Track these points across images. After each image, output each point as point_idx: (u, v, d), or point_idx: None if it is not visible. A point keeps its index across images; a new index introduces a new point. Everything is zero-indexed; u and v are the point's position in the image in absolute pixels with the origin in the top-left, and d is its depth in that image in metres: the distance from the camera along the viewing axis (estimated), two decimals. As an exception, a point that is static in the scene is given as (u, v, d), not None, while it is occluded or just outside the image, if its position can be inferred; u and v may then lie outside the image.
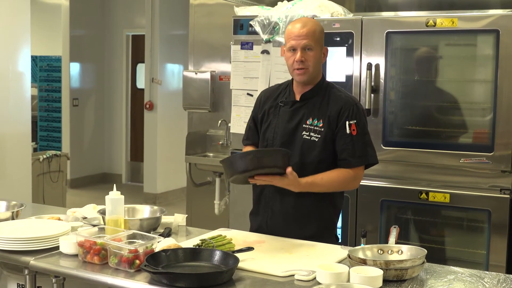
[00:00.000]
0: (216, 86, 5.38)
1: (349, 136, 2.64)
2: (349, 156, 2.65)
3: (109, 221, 2.48)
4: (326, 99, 2.71)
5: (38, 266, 2.29)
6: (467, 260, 3.59)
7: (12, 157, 5.50)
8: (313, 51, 2.65)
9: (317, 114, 2.69)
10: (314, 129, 2.68)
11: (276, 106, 2.80)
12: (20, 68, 5.58)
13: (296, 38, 2.64)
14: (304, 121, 2.70)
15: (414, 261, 2.10)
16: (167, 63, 8.33)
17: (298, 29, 2.64)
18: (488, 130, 3.45)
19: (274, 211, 2.75)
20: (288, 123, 2.73)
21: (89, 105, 9.29)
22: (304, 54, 2.64)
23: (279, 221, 2.74)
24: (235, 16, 4.28)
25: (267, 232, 2.75)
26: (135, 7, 9.03)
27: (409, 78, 3.73)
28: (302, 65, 2.64)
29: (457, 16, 3.49)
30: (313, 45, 2.65)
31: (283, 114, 2.76)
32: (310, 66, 2.65)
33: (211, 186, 5.36)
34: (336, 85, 2.79)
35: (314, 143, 2.67)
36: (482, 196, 3.45)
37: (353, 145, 2.65)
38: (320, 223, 2.74)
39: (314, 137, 2.67)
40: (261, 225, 2.80)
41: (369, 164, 2.72)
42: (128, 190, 8.51)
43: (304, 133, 2.69)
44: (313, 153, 2.67)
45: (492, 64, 3.42)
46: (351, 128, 2.64)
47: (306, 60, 2.64)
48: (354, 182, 2.71)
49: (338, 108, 2.67)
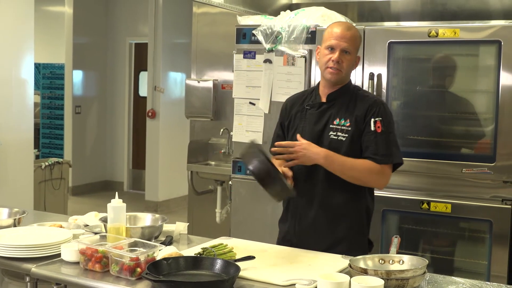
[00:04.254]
0: (219, 94, 5.39)
1: (373, 133, 2.63)
2: (373, 153, 2.63)
3: (111, 229, 2.48)
4: (354, 99, 2.71)
5: (40, 274, 2.29)
6: (469, 270, 3.59)
7: (14, 164, 5.51)
8: (350, 55, 2.68)
9: (344, 114, 2.69)
10: (341, 128, 2.67)
11: (302, 110, 2.80)
12: (23, 75, 5.60)
13: (338, 39, 2.67)
14: (331, 122, 2.70)
15: (415, 271, 2.10)
16: (170, 71, 8.35)
17: (342, 31, 2.68)
18: (490, 140, 3.46)
19: (302, 215, 2.73)
20: (315, 125, 2.73)
21: (91, 113, 9.31)
22: (342, 56, 2.66)
23: (308, 225, 2.71)
24: (238, 25, 4.29)
25: (294, 238, 2.74)
26: (138, 15, 9.06)
27: (411, 88, 3.74)
28: (337, 66, 2.67)
29: (459, 26, 3.50)
30: (352, 50, 2.68)
31: (310, 116, 2.76)
32: (344, 68, 2.68)
33: (212, 194, 5.36)
34: (363, 89, 2.81)
35: (341, 143, 2.65)
36: (484, 207, 3.44)
37: (376, 142, 2.63)
38: (351, 226, 2.70)
39: (341, 136, 2.66)
40: (288, 231, 2.79)
41: (395, 164, 2.69)
42: (129, 198, 8.51)
43: (332, 133, 2.68)
44: (340, 153, 2.64)
45: (494, 74, 3.43)
46: (376, 125, 2.63)
47: (342, 62, 2.66)
48: (380, 177, 2.66)
49: (365, 107, 2.67)
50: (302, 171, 2.71)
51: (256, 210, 4.21)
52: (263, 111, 4.15)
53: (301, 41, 3.98)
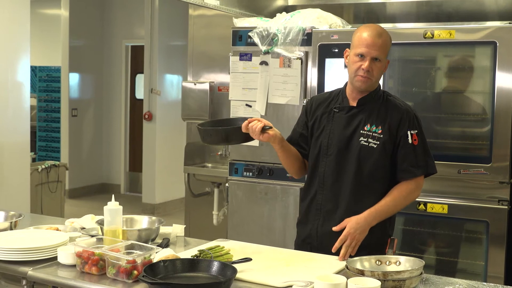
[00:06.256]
0: (215, 97, 5.39)
1: (411, 146, 2.61)
2: (411, 165, 2.60)
3: (107, 232, 2.48)
4: (384, 106, 2.67)
5: (36, 277, 2.29)
6: (465, 271, 3.59)
7: (11, 167, 5.51)
8: (381, 62, 2.62)
9: (376, 120, 2.64)
10: (373, 135, 2.62)
11: (330, 112, 2.74)
12: (19, 78, 5.60)
13: (369, 47, 2.59)
14: (361, 127, 2.65)
15: (412, 272, 2.10)
16: (166, 74, 8.35)
17: (373, 38, 2.60)
18: (486, 141, 3.46)
19: (326, 217, 2.68)
20: (344, 129, 2.67)
21: (88, 116, 9.30)
22: (372, 64, 2.60)
23: (330, 228, 2.64)
24: (234, 27, 4.30)
25: (316, 241, 2.69)
26: (134, 18, 9.05)
27: (407, 90, 3.75)
28: (367, 74, 2.60)
29: (454, 28, 3.51)
30: (382, 57, 2.62)
31: (339, 119, 2.70)
32: (374, 76, 2.62)
33: (209, 196, 5.36)
34: (390, 93, 2.76)
35: (372, 150, 2.62)
36: (480, 207, 3.45)
37: (415, 155, 2.61)
38: (373, 233, 2.62)
39: (372, 143, 2.62)
40: (310, 233, 2.72)
41: (429, 174, 2.68)
42: (126, 201, 8.50)
43: (362, 139, 2.63)
44: (371, 160, 2.62)
45: (489, 75, 3.44)
46: (413, 138, 2.61)
47: (373, 70, 2.60)
48: (416, 192, 2.65)
49: (398, 117, 2.63)
50: (329, 174, 2.67)
51: (253, 212, 4.21)
52: (260, 113, 4.16)
53: (297, 43, 3.99)
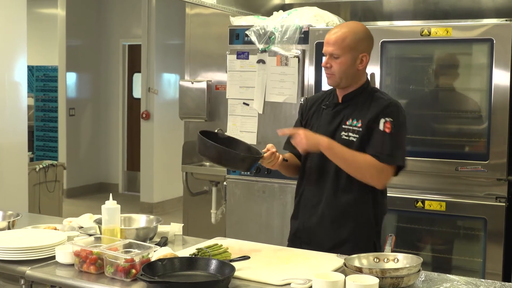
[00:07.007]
0: (213, 95, 5.39)
1: (381, 133, 2.59)
2: (377, 152, 2.57)
3: (105, 231, 2.48)
4: (369, 101, 2.68)
5: (34, 276, 2.29)
6: (463, 268, 3.60)
7: (8, 167, 5.50)
8: (339, 58, 2.64)
9: (357, 114, 2.66)
10: (353, 129, 2.65)
11: (319, 109, 2.80)
12: (16, 78, 5.58)
13: (326, 44, 2.67)
14: (344, 122, 2.68)
15: (410, 269, 2.11)
16: (164, 73, 8.35)
17: (329, 35, 2.67)
18: (483, 138, 3.47)
19: (312, 212, 2.73)
20: (329, 124, 2.72)
21: (85, 115, 9.29)
22: (330, 61, 2.66)
23: (315, 222, 2.70)
24: (231, 26, 4.30)
25: (303, 235, 2.75)
26: (131, 17, 9.04)
27: (404, 87, 3.75)
28: (328, 71, 2.68)
29: (451, 25, 3.51)
30: (340, 53, 2.63)
31: (325, 116, 2.76)
32: (336, 72, 2.65)
33: (207, 195, 5.36)
34: (380, 90, 2.76)
35: (352, 143, 2.63)
36: (478, 204, 3.46)
37: (382, 142, 2.58)
38: (356, 228, 2.65)
39: (352, 137, 2.64)
40: (298, 227, 2.79)
41: (398, 167, 2.64)
42: (124, 200, 8.50)
43: (343, 133, 2.66)
44: None
45: (486, 72, 3.44)
46: (385, 126, 2.59)
47: (331, 67, 2.66)
48: (380, 174, 2.59)
49: (378, 109, 2.63)
50: (314, 169, 2.72)
51: (251, 211, 4.21)
52: (257, 111, 4.16)
53: (294, 41, 3.99)
